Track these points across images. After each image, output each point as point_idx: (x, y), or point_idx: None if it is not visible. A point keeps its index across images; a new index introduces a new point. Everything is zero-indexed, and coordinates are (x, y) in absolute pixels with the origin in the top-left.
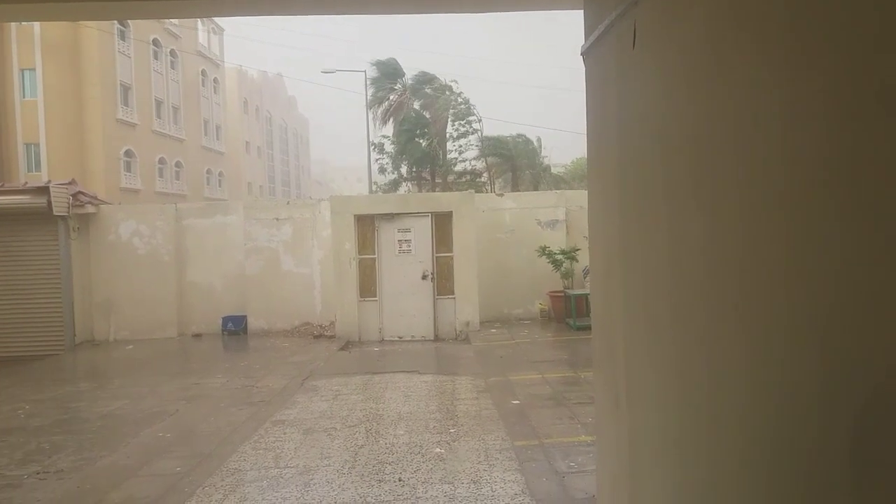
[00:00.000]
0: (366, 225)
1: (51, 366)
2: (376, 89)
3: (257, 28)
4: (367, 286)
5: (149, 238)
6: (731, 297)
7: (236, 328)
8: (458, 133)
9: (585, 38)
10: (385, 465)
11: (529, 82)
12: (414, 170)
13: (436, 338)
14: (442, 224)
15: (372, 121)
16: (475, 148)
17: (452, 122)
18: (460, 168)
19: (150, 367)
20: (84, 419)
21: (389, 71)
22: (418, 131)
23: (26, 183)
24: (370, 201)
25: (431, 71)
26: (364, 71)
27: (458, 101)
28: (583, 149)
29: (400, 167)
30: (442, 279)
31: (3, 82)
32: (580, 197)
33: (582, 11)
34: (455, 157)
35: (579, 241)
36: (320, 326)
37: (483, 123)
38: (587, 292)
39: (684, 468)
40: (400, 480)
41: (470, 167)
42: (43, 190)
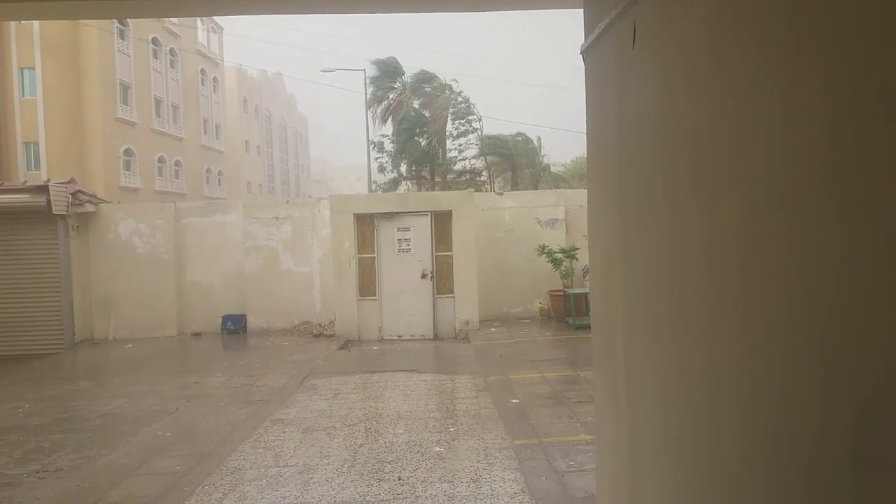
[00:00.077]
0: (365, 224)
1: (50, 364)
2: (376, 88)
3: (258, 27)
4: (367, 285)
5: (148, 237)
6: (732, 296)
7: (236, 327)
8: (458, 132)
9: (585, 37)
10: (384, 464)
11: (530, 81)
12: (413, 169)
13: (435, 337)
14: (441, 223)
15: (371, 120)
16: (475, 147)
17: (452, 121)
18: (460, 167)
19: (150, 366)
20: (83, 418)
21: (389, 69)
22: (418, 130)
23: (25, 182)
24: (370, 200)
25: (432, 70)
26: (363, 70)
27: (458, 100)
28: (582, 148)
29: (399, 166)
30: (441, 278)
31: (3, 81)
32: (580, 196)
33: (582, 10)
34: (455, 156)
35: (579, 240)
36: (320, 325)
37: (483, 122)
38: (587, 291)
39: (684, 467)
40: (399, 479)
41: (469, 166)
42: (42, 189)
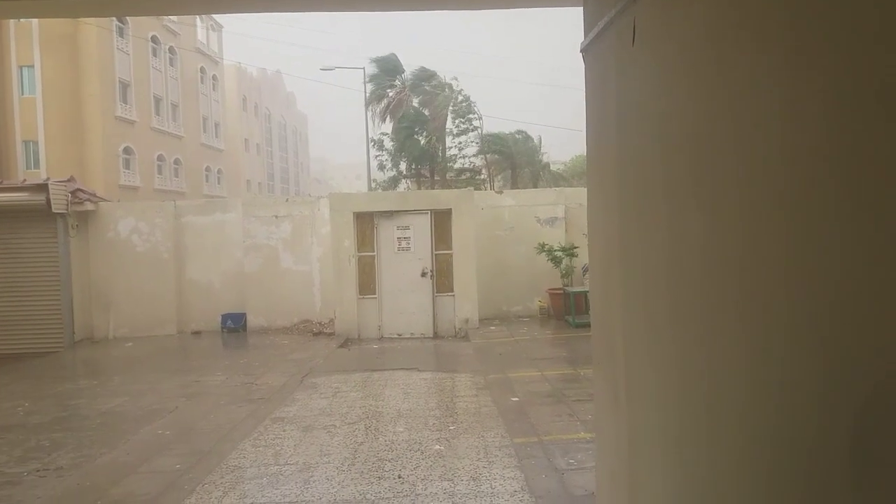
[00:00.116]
0: (365, 222)
1: (50, 363)
2: (375, 86)
3: (257, 25)
4: (367, 283)
5: (148, 235)
6: (731, 296)
7: (235, 325)
8: (458, 130)
9: (585, 36)
10: (385, 462)
11: (530, 79)
12: (413, 167)
13: (435, 335)
14: (441, 221)
15: (371, 118)
16: (475, 145)
17: (452, 119)
18: (460, 165)
19: (150, 365)
20: (84, 416)
21: (389, 67)
22: (417, 128)
23: (25, 180)
24: (369, 199)
25: (433, 68)
26: (363, 68)
27: (458, 99)
28: (582, 146)
29: (399, 164)
30: (441, 276)
31: (2, 79)
32: (579, 194)
33: (581, 8)
34: (454, 154)
35: (578, 239)
36: (320, 324)
37: (483, 121)
38: (586, 290)
39: (683, 466)
40: (399, 477)
41: (469, 164)
42: (42, 187)
